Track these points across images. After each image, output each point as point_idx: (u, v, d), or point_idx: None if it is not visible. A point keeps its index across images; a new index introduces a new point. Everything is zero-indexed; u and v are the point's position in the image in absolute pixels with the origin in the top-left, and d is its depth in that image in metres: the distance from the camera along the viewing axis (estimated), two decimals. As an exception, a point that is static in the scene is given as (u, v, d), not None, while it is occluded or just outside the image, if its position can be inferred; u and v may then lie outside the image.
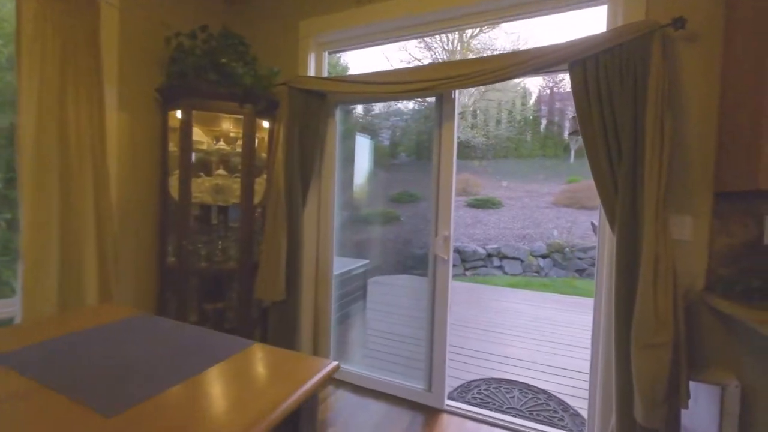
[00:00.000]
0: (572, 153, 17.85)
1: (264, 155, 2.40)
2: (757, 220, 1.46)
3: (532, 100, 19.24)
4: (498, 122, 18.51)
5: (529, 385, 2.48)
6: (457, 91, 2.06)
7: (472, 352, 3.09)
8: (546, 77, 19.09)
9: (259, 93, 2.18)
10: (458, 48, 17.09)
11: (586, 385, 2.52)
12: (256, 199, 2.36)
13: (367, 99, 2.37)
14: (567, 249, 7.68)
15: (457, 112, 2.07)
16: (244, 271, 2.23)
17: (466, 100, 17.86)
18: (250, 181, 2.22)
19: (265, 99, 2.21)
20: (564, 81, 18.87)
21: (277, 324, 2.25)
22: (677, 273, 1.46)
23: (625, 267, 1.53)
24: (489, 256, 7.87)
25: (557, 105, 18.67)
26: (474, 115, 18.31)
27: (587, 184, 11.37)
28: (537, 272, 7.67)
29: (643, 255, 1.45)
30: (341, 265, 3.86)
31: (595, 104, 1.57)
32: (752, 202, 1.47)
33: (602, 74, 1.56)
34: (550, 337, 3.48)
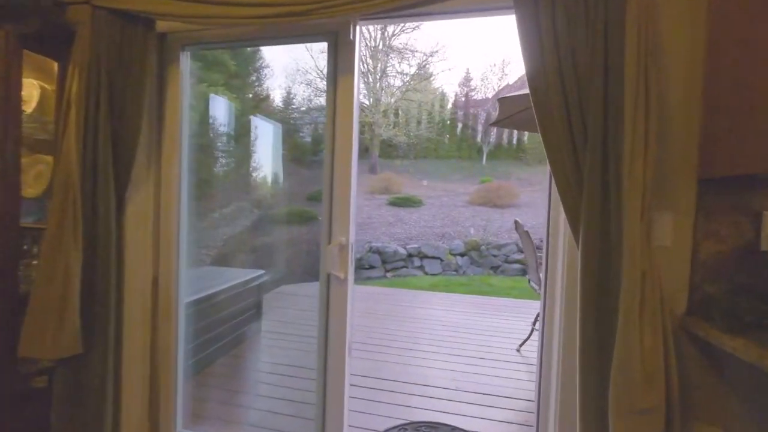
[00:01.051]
0: (484, 155, 18.86)
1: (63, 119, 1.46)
2: (752, 218, 1.06)
3: (449, 105, 19.91)
4: (419, 123, 18.71)
5: (455, 428, 1.95)
6: (358, 32, 1.39)
7: (388, 383, 2.49)
8: (462, 84, 19.86)
9: (27, 4, 1.26)
10: (380, 45, 16.79)
11: (521, 417, 2.08)
12: (35, 191, 1.42)
13: (228, 38, 1.57)
14: (483, 247, 7.68)
15: (358, 61, 1.40)
16: (-2, 311, 1.28)
17: (389, 100, 17.69)
18: (12, 159, 1.28)
19: (42, 19, 1.29)
20: (476, 90, 19.81)
21: (66, 396, 1.34)
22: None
23: (594, 291, 1.01)
24: (410, 256, 7.50)
25: (471, 110, 19.54)
26: (396, 114, 18.23)
27: (498, 184, 11.86)
28: (456, 270, 7.52)
29: (623, 272, 0.95)
30: (226, 278, 2.96)
31: (550, 53, 1.03)
32: (745, 192, 1.07)
33: (560, 6, 1.03)
34: (475, 352, 3.06)
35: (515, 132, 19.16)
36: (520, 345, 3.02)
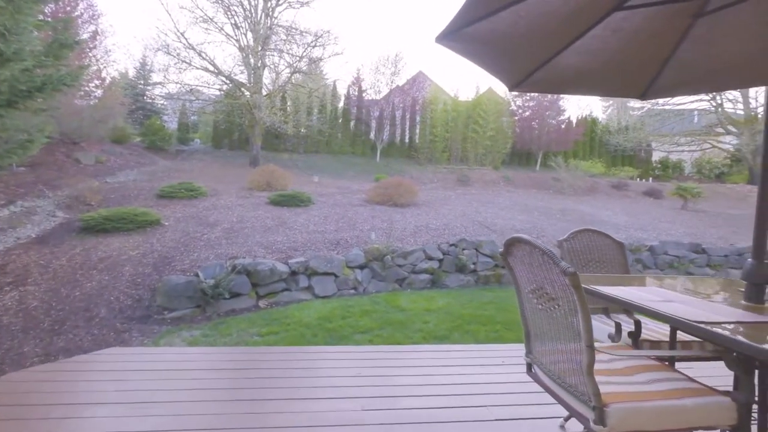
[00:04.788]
0: (378, 152, 17.63)
1: None
2: None
3: (341, 103, 18.10)
4: (309, 112, 16.35)
5: None
6: None
7: None
8: (354, 82, 18.14)
9: None
10: (262, 19, 13.85)
11: None
12: None
13: None
14: (387, 256, 6.03)
15: None
16: None
17: (275, 83, 14.86)
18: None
19: None
20: (368, 89, 18.39)
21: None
22: None
23: None
24: (294, 273, 5.34)
25: (364, 107, 18.05)
26: (284, 100, 15.53)
27: (397, 180, 10.50)
28: (355, 288, 5.69)
29: None
30: None
31: None
32: None
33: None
34: None
35: (407, 130, 18.49)
36: None
